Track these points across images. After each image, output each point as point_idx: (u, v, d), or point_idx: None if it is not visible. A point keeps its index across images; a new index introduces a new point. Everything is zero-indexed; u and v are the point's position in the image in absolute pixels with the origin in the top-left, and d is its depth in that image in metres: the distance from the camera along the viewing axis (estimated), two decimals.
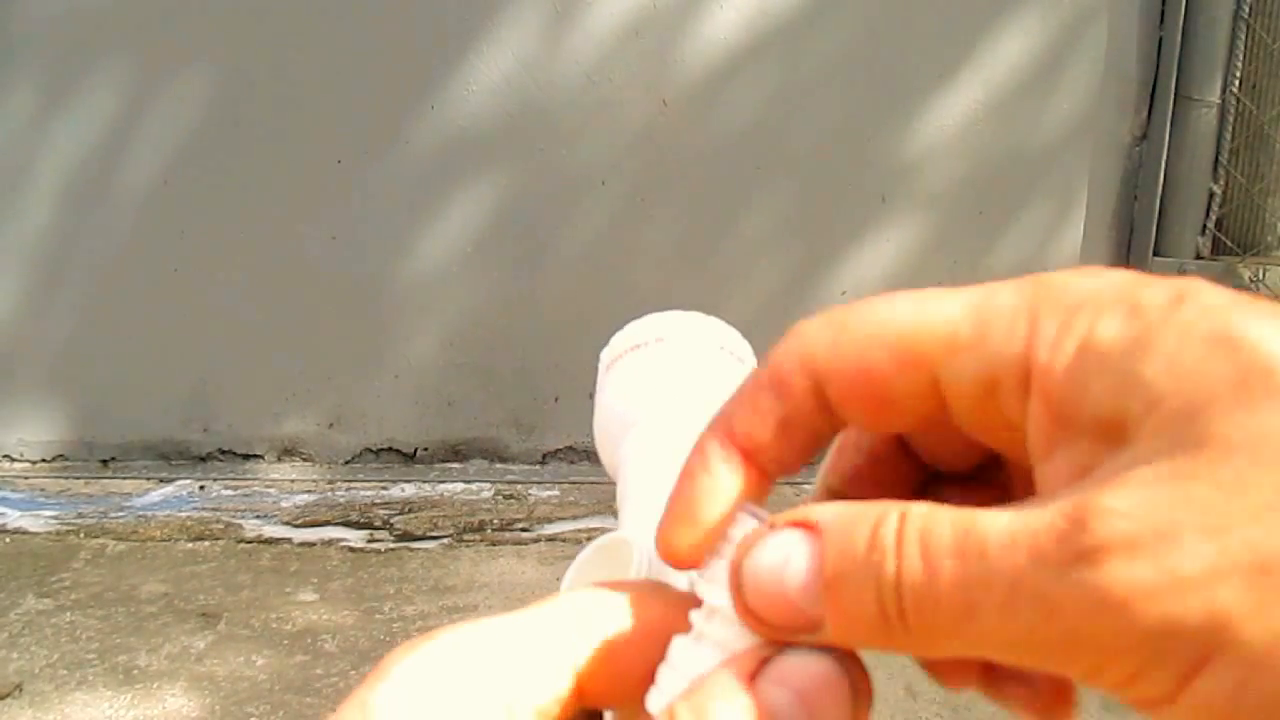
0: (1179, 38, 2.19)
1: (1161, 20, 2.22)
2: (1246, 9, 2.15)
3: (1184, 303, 0.19)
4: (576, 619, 0.23)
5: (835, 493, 0.26)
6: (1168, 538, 0.17)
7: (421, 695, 0.21)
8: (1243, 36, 2.17)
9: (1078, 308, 0.20)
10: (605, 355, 0.52)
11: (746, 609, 0.21)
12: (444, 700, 0.21)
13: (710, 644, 0.22)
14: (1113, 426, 0.19)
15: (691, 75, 2.22)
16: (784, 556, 0.21)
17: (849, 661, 0.21)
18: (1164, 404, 0.18)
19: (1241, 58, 2.18)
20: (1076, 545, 0.18)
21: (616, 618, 0.23)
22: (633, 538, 0.39)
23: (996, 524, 0.19)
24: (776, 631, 0.21)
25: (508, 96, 2.23)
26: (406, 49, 2.22)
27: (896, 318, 0.22)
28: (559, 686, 0.23)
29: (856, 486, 0.26)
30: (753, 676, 0.21)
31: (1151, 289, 0.20)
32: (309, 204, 2.30)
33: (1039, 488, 0.21)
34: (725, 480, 0.23)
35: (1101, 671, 0.18)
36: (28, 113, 2.25)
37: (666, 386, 0.49)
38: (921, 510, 0.20)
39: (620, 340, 0.52)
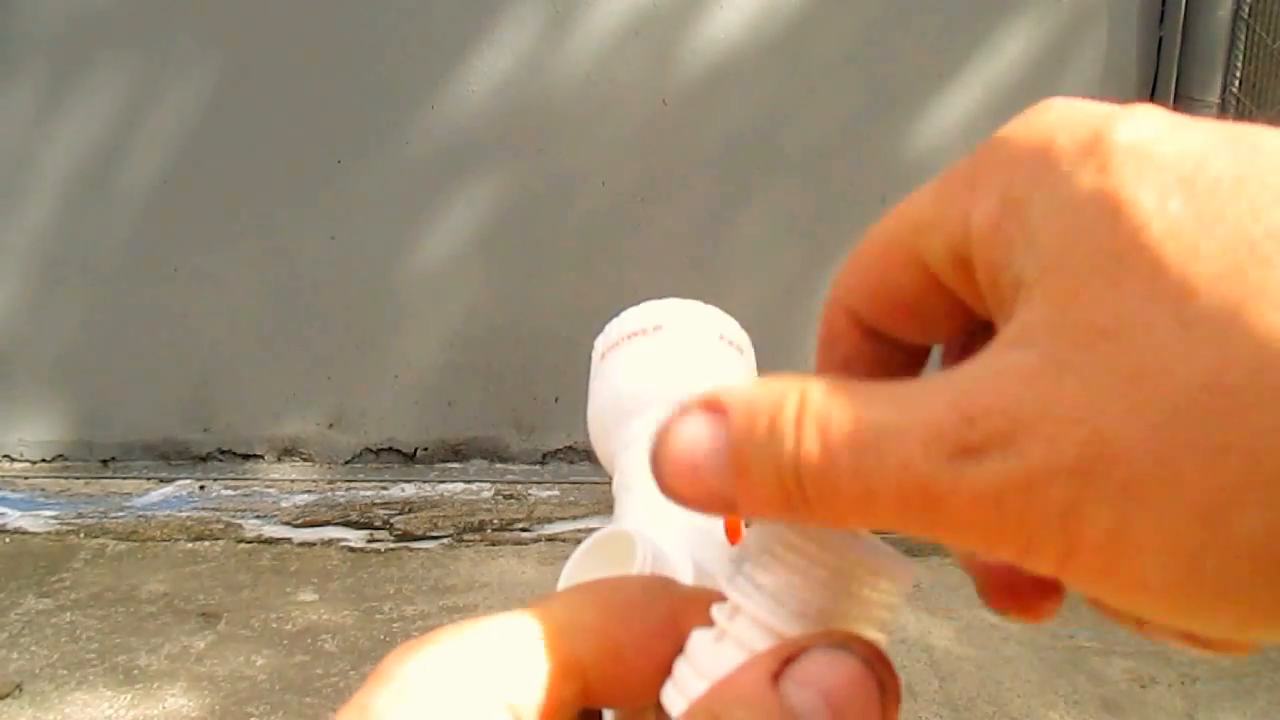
0: (1179, 38, 2.19)
1: (1161, 20, 2.22)
2: (1246, 9, 2.15)
3: (1091, 154, 0.18)
4: (579, 615, 0.23)
5: (844, 306, 0.26)
6: (1033, 432, 0.17)
7: (422, 698, 0.21)
8: (1243, 36, 2.17)
9: (1006, 164, 0.19)
10: (600, 343, 0.50)
11: (666, 488, 0.21)
12: (445, 702, 0.21)
13: (733, 643, 0.22)
14: (1017, 294, 0.19)
15: (691, 75, 2.22)
16: (695, 437, 0.21)
17: (876, 660, 0.21)
18: (1050, 276, 0.18)
19: (1241, 58, 2.18)
20: (962, 440, 0.18)
21: (620, 614, 0.23)
22: (635, 531, 0.37)
23: (892, 413, 0.19)
24: (698, 507, 0.21)
25: (508, 96, 2.23)
26: (406, 49, 2.22)
27: (894, 225, 0.22)
28: (563, 685, 0.22)
29: (860, 295, 0.26)
30: (776, 677, 0.20)
31: (1066, 133, 0.19)
32: (309, 204, 2.30)
33: None
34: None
35: (995, 552, 0.18)
36: (28, 112, 2.25)
37: (666, 375, 0.47)
38: (820, 392, 0.19)
39: (616, 327, 0.50)
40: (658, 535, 0.38)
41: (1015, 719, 1.67)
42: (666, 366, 0.47)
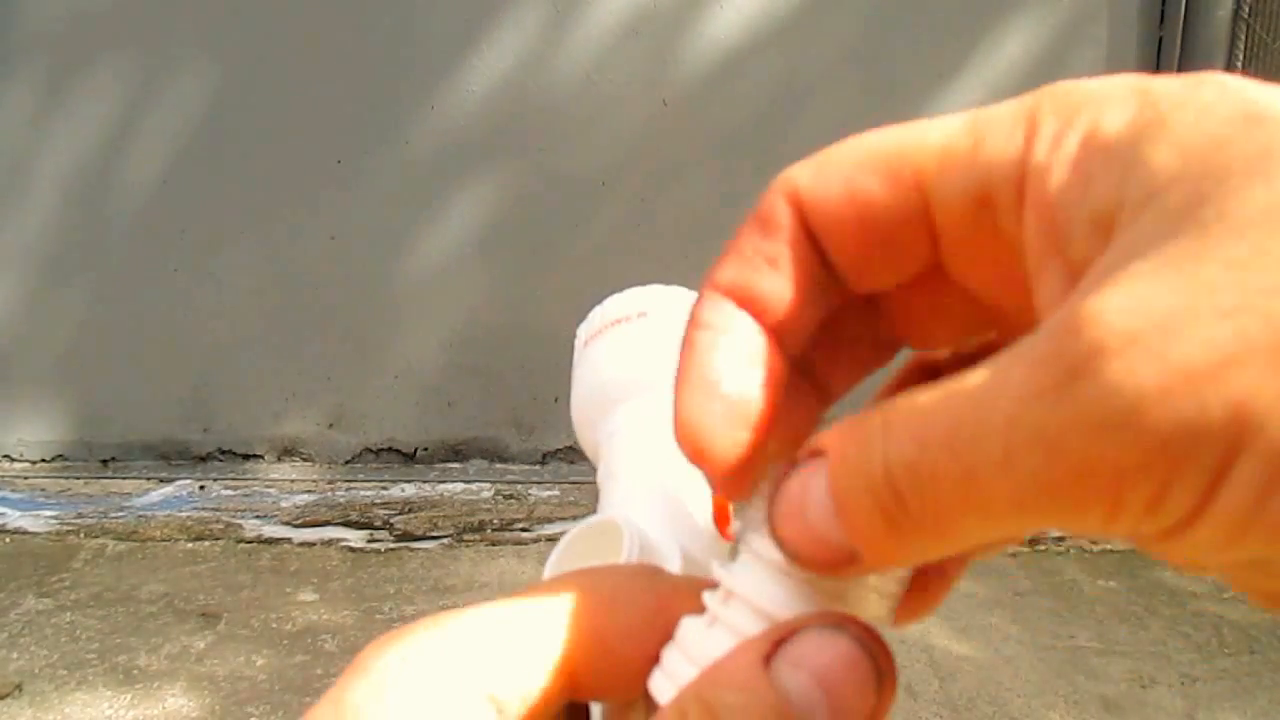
0: (1179, 38, 2.20)
1: (1161, 20, 2.22)
2: (1246, 9, 2.15)
3: (1203, 86, 0.17)
4: (565, 606, 0.22)
5: None
6: (1174, 327, 0.15)
7: (400, 691, 0.20)
8: (1243, 36, 2.17)
9: (1082, 104, 0.18)
10: (583, 330, 0.49)
11: (786, 550, 0.20)
12: (424, 695, 0.20)
13: (725, 630, 0.21)
14: (1110, 221, 0.17)
15: (691, 75, 2.23)
16: (800, 487, 0.19)
17: (871, 641, 0.20)
18: (1170, 189, 0.16)
19: (1241, 58, 2.18)
20: (1069, 359, 0.15)
21: (608, 604, 0.22)
22: (622, 519, 0.36)
23: (981, 373, 0.17)
24: (820, 565, 0.20)
25: (508, 96, 2.23)
26: (406, 49, 2.22)
27: (886, 140, 0.20)
28: (547, 677, 0.21)
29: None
30: (767, 660, 0.20)
31: (1166, 79, 0.18)
32: (309, 204, 2.30)
33: (1039, 315, 0.18)
34: (730, 334, 0.21)
35: (1120, 505, 0.16)
36: (28, 113, 2.25)
37: (651, 362, 0.46)
38: (902, 398, 0.18)
39: (600, 314, 0.49)
40: (645, 524, 0.37)
41: (1015, 719, 1.67)
42: (652, 353, 0.46)
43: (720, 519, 0.40)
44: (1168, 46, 2.22)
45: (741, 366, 0.21)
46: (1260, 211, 0.15)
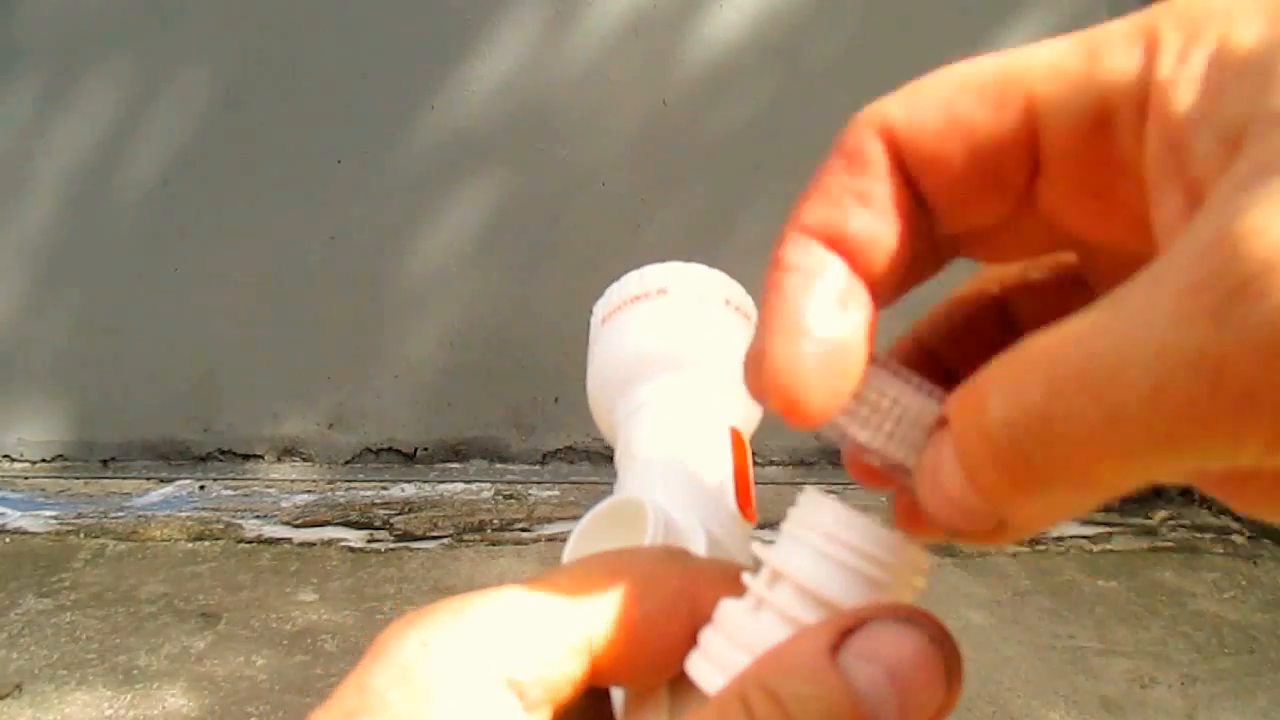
0: None
1: None
2: None
3: None
4: (590, 589, 0.21)
5: (920, 341, 0.24)
6: None
7: (422, 675, 0.20)
8: None
9: (1206, 19, 0.17)
10: (600, 308, 0.48)
11: (946, 530, 0.19)
12: (446, 678, 0.20)
13: (774, 613, 0.20)
14: (1239, 136, 0.16)
15: (691, 75, 2.23)
16: (935, 463, 0.18)
17: (942, 636, 0.19)
18: None
19: None
20: (1229, 281, 0.14)
21: (634, 588, 0.21)
22: (645, 499, 0.35)
23: (1111, 307, 0.16)
24: (980, 539, 0.19)
25: (508, 96, 2.23)
26: (406, 49, 2.22)
27: (987, 65, 0.19)
28: (571, 662, 0.21)
29: (940, 334, 0.24)
30: (834, 651, 0.19)
31: None
32: (309, 204, 2.30)
33: (1157, 240, 0.17)
34: (821, 276, 0.19)
35: None
36: (28, 113, 2.25)
37: (672, 341, 0.44)
38: (1020, 346, 0.17)
39: (618, 291, 0.47)
40: (667, 504, 0.36)
41: (1015, 719, 1.67)
42: (673, 331, 0.45)
43: (743, 501, 0.39)
44: None
45: (835, 311, 0.19)
46: None
